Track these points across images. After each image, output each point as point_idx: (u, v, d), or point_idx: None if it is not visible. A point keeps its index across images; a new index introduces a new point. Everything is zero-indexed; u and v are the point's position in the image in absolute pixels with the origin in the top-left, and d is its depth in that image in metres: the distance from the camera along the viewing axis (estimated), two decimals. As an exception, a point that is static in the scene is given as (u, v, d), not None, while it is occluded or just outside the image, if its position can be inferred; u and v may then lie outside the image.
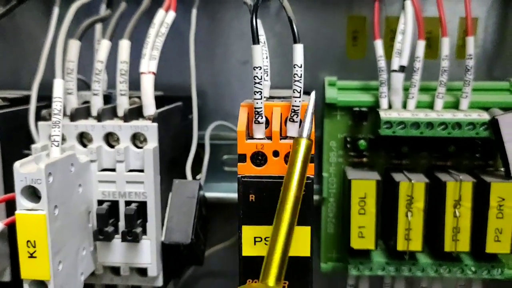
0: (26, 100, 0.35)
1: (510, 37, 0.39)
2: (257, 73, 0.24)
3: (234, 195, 0.40)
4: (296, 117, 0.25)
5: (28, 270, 0.25)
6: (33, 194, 0.25)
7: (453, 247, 0.31)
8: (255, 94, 0.25)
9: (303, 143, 0.22)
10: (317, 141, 0.33)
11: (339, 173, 0.35)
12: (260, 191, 0.25)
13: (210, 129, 0.38)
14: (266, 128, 0.26)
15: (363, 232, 0.32)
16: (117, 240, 0.30)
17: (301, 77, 0.25)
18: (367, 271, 0.33)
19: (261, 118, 0.25)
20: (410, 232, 0.31)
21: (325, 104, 0.34)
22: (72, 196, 0.27)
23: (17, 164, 0.25)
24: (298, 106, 0.25)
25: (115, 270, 0.31)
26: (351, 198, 0.31)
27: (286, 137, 0.25)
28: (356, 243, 0.32)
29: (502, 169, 0.31)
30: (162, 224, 0.31)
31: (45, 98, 0.34)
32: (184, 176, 0.34)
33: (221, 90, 0.41)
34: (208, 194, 0.37)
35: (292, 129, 0.25)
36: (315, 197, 0.34)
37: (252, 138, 0.25)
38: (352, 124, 0.34)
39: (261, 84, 0.24)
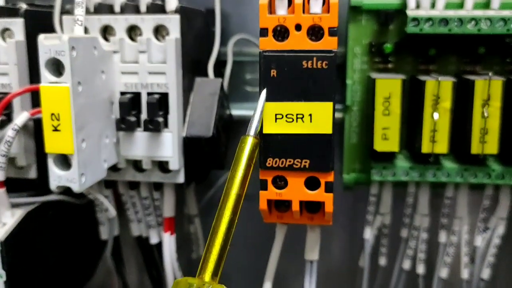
0: (52, 7, 0.36)
1: None
2: None
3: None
4: (320, -8, 0.25)
5: (52, 144, 0.26)
6: (57, 71, 0.26)
7: (480, 149, 0.30)
8: (278, -33, 0.24)
9: (249, 141, 0.22)
10: (340, 51, 0.32)
11: (363, 81, 0.34)
12: (281, 65, 0.25)
13: (233, 41, 0.37)
14: (288, 7, 0.25)
15: (387, 134, 0.31)
16: (139, 133, 0.30)
17: (325, -51, 0.24)
18: (390, 177, 0.32)
19: (284, -8, 0.25)
20: (436, 134, 0.31)
21: (350, 7, 0.33)
22: (95, 79, 0.27)
23: (41, 37, 0.25)
24: (322, -20, 0.24)
25: (137, 167, 0.32)
26: (375, 98, 0.31)
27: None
28: (379, 145, 0.31)
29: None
30: (184, 121, 0.31)
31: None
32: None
33: (244, 9, 0.40)
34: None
35: (315, 5, 0.25)
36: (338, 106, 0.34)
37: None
38: (378, 29, 0.33)
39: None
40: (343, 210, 0.39)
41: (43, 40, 0.25)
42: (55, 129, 0.25)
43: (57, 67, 0.26)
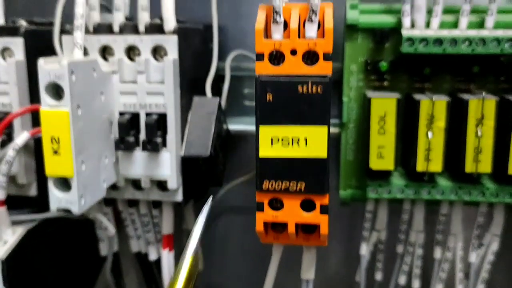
0: (52, 25, 0.36)
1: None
2: (275, -29, 0.24)
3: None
4: (315, 17, 0.25)
5: (52, 167, 0.26)
6: (56, 94, 0.26)
7: (474, 168, 0.31)
8: (274, -7, 0.25)
9: (187, 260, 0.23)
10: (336, 66, 0.33)
11: (359, 98, 0.34)
12: (277, 90, 0.25)
13: (231, 57, 0.38)
14: (284, 31, 0.26)
15: (382, 152, 0.31)
16: (138, 152, 0.30)
17: (319, -25, 0.24)
18: (385, 194, 0.33)
19: (279, 18, 0.25)
20: (430, 153, 0.31)
21: (346, 26, 0.33)
22: (94, 101, 0.28)
23: (41, 61, 0.25)
24: (317, 5, 0.25)
25: (137, 185, 0.32)
26: (370, 117, 0.31)
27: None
28: (375, 164, 0.32)
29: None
30: (182, 141, 0.31)
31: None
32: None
33: (242, 23, 0.41)
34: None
35: (310, 29, 0.25)
36: (335, 120, 0.35)
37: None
38: (373, 47, 0.33)
39: (279, -17, 0.24)
40: (339, 226, 0.39)
41: (43, 64, 0.25)
42: (55, 152, 0.26)
43: (56, 91, 0.26)
